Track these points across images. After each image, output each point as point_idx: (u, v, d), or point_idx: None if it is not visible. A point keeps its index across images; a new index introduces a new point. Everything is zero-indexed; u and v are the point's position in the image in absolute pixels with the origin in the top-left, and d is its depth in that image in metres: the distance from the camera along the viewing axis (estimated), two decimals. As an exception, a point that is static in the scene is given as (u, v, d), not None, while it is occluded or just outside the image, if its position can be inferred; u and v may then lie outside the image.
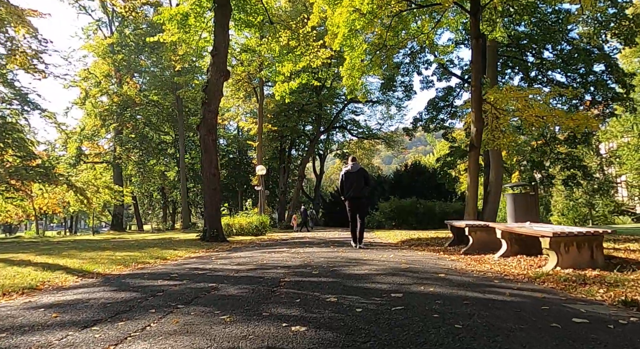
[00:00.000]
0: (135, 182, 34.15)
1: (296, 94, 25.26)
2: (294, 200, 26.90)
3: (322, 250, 7.83)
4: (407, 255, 6.49)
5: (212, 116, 12.88)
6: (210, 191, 12.95)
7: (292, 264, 5.57)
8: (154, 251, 9.19)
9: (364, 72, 16.80)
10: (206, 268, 5.54)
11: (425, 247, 8.43)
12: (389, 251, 7.50)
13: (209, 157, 12.88)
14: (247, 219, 17.91)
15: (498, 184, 18.01)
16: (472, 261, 5.68)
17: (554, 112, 13.49)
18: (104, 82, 29.08)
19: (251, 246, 10.39)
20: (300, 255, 6.86)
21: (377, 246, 8.96)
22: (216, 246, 10.84)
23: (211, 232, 12.75)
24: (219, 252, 8.83)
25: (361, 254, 6.78)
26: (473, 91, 15.78)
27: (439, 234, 12.13)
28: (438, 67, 20.98)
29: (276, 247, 9.49)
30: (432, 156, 46.33)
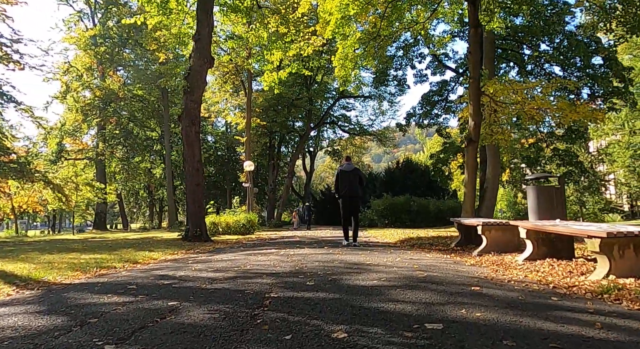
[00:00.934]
0: (120, 180, 32.65)
1: (286, 88, 24.19)
2: (284, 198, 25.84)
3: (315, 252, 6.82)
4: (415, 258, 5.51)
5: (194, 105, 11.77)
6: (193, 186, 11.85)
7: (281, 270, 4.55)
8: (126, 253, 8.09)
9: (357, 63, 15.84)
10: (176, 275, 4.49)
11: (430, 248, 7.48)
12: (391, 252, 6.52)
13: (192, 151, 11.77)
14: (234, 217, 16.80)
15: (495, 180, 17.20)
16: (495, 266, 4.73)
17: (557, 104, 12.68)
18: (85, 75, 27.61)
19: (236, 247, 9.34)
20: (290, 258, 5.84)
21: (375, 247, 7.99)
22: (198, 247, 9.78)
23: (194, 231, 11.67)
24: (199, 254, 7.77)
25: (362, 256, 5.79)
26: (471, 82, 14.91)
27: (440, 233, 11.22)
28: (432, 60, 20.11)
29: (264, 248, 8.46)
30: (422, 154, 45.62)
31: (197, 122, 11.87)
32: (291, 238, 12.22)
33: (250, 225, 16.74)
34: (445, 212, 20.29)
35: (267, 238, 13.13)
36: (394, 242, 9.71)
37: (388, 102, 26.80)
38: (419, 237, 9.96)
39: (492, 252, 6.01)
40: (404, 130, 21.48)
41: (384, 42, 15.57)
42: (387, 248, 7.51)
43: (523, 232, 5.11)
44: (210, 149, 37.40)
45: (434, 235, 10.38)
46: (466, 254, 6.32)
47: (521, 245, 6.32)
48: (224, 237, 14.65)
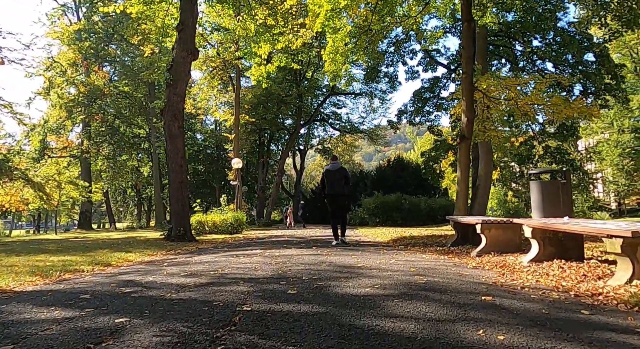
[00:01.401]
0: (106, 178, 31.73)
1: (275, 85, 23.60)
2: (273, 196, 25.25)
3: (302, 253, 6.30)
4: (411, 260, 5.02)
5: (178, 99, 11.16)
6: (176, 184, 11.24)
7: (261, 275, 4.02)
8: (101, 254, 7.50)
9: (348, 58, 15.33)
10: (143, 281, 3.94)
11: (425, 247, 7.01)
12: (384, 253, 6.03)
13: (175, 146, 11.17)
14: (221, 216, 16.19)
15: (487, 178, 16.84)
16: (499, 268, 4.26)
17: (552, 100, 12.31)
18: (70, 71, 26.68)
19: (220, 247, 8.78)
20: (274, 260, 5.31)
21: (366, 246, 7.49)
22: (180, 247, 9.21)
23: (177, 230, 11.08)
24: (178, 255, 7.20)
25: (352, 258, 5.28)
26: (464, 78, 14.49)
27: (433, 232, 10.77)
28: (424, 56, 19.69)
29: (249, 248, 7.92)
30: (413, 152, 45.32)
31: (180, 116, 11.26)
32: (279, 238, 11.69)
33: (238, 224, 16.15)
34: (437, 210, 19.91)
35: (254, 238, 12.57)
36: (386, 241, 9.23)
37: (379, 99, 26.38)
38: (412, 236, 9.49)
39: (492, 253, 5.55)
40: (396, 127, 21.04)
41: (375, 37, 15.10)
42: (379, 248, 7.01)
43: (528, 231, 4.64)
44: (199, 147, 36.64)
45: (427, 234, 9.93)
46: (464, 254, 5.85)
47: (523, 245, 5.88)
48: (210, 237, 14.09)
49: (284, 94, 22.99)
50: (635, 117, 26.98)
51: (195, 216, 16.40)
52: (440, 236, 8.79)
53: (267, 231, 17.94)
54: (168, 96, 11.16)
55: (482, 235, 5.73)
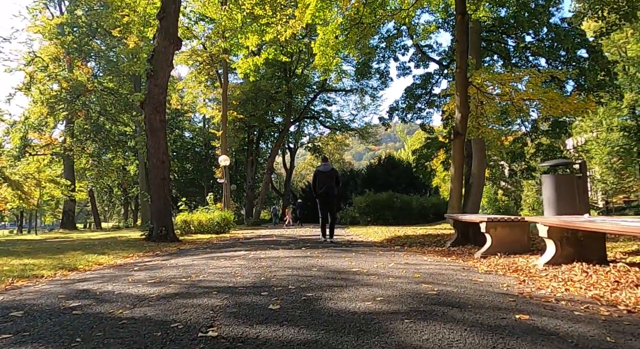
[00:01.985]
0: (90, 177, 30.68)
1: (264, 81, 22.93)
2: (262, 195, 24.55)
3: (290, 254, 5.69)
4: (411, 263, 4.44)
5: (159, 91, 10.46)
6: (158, 181, 10.54)
7: (240, 282, 3.40)
8: (70, 257, 6.81)
9: (339, 51, 14.75)
10: (99, 291, 3.29)
11: (423, 248, 6.45)
12: (380, 254, 5.44)
13: (156, 141, 10.46)
14: (207, 215, 15.47)
15: (481, 175, 16.41)
16: (513, 272, 3.70)
17: (548, 95, 11.87)
18: (51, 66, 25.64)
19: (203, 247, 8.13)
20: (258, 263, 4.69)
21: (360, 246, 6.91)
22: (160, 248, 8.55)
23: (159, 230, 10.39)
24: (155, 257, 6.54)
25: (346, 261, 4.68)
26: (458, 72, 14.00)
27: (428, 231, 10.23)
28: (416, 52, 19.20)
29: (233, 249, 7.29)
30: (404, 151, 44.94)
31: (161, 109, 10.55)
32: (267, 237, 11.05)
33: (225, 223, 15.46)
34: (429, 209, 19.45)
35: (241, 237, 11.91)
36: (380, 241, 8.66)
37: (370, 96, 25.81)
38: (407, 235, 8.94)
39: (498, 254, 5.00)
40: (387, 124, 20.53)
41: (366, 31, 14.54)
42: (374, 249, 6.43)
43: (543, 230, 4.09)
44: (187, 145, 35.76)
45: (422, 233, 9.39)
46: (467, 255, 5.30)
47: (533, 245, 5.35)
48: (195, 236, 13.41)
49: (273, 91, 22.29)
50: (624, 115, 26.89)
51: (180, 215, 15.70)
52: (436, 236, 8.25)
53: (255, 231, 17.27)
54: (149, 87, 10.44)
55: (487, 234, 5.18)
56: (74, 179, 28.00)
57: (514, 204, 32.70)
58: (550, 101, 11.80)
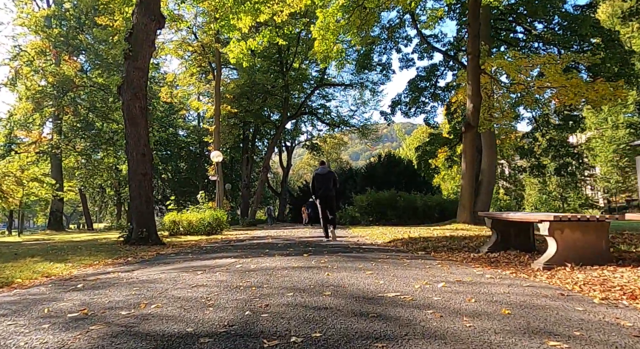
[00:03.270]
0: (80, 176, 29.11)
1: (260, 74, 21.53)
2: (258, 194, 23.16)
3: (289, 264, 4.33)
4: (466, 280, 3.10)
5: (139, 74, 9.07)
6: (138, 177, 9.15)
7: (208, 322, 2.04)
8: (18, 266, 5.50)
9: (340, 36, 13.41)
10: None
11: (452, 253, 5.12)
12: (407, 263, 4.10)
13: (137, 131, 9.08)
14: (198, 215, 14.06)
15: (491, 172, 15.13)
16: (633, 300, 2.37)
17: (571, 82, 10.57)
18: (37, 59, 24.12)
19: (186, 253, 6.76)
20: (245, 280, 3.33)
21: (374, 251, 5.57)
22: (137, 253, 7.21)
23: (138, 232, 9.00)
24: (120, 266, 5.20)
25: (368, 275, 3.34)
26: (470, 59, 12.69)
27: (443, 231, 8.88)
28: (420, 42, 17.90)
29: (219, 255, 5.93)
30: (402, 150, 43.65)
31: (142, 95, 9.15)
32: (262, 239, 9.68)
33: (217, 224, 14.06)
34: (434, 208, 18.14)
35: (233, 239, 10.54)
36: (390, 243, 7.33)
37: (370, 91, 24.43)
38: (423, 237, 7.59)
39: (567, 264, 3.67)
40: (389, 119, 19.21)
41: (369, 16, 13.24)
42: (393, 254, 5.08)
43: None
44: (182, 144, 34.30)
45: (440, 235, 8.05)
46: (519, 265, 4.00)
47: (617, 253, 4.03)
48: (184, 238, 12.04)
49: (269, 85, 20.91)
50: (630, 112, 25.75)
51: (168, 215, 14.34)
52: (461, 238, 6.90)
53: (250, 231, 15.86)
54: (127, 70, 9.05)
55: (549, 238, 3.85)
56: (61, 179, 26.48)
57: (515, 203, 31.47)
58: (574, 88, 10.51)
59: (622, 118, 25.81)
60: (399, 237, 8.33)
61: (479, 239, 6.47)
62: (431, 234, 8.42)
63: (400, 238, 7.94)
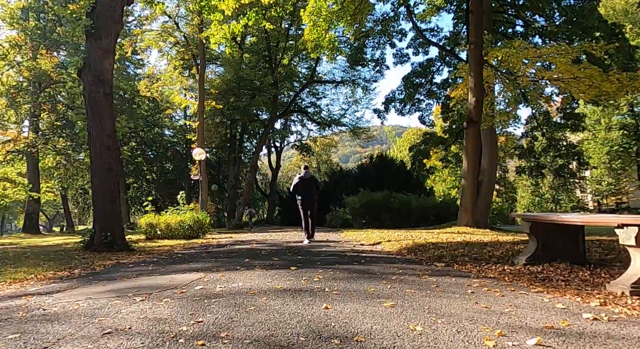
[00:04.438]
0: (58, 177, 27.36)
1: (247, 70, 20.25)
2: (245, 195, 21.83)
3: (270, 285, 3.09)
4: (559, 325, 1.89)
5: (102, 55, 7.75)
6: (102, 172, 7.82)
7: None
8: None
9: (332, 23, 12.23)
10: None
11: (481, 266, 3.95)
12: (436, 286, 2.90)
13: (99, 120, 7.75)
14: (178, 217, 12.68)
15: (492, 172, 14.03)
16: None
17: (586, 72, 9.53)
18: (12, 52, 22.45)
19: (147, 263, 5.47)
20: (195, 320, 2.08)
21: (380, 262, 4.37)
22: (91, 263, 5.95)
23: (102, 237, 7.66)
24: (52, 284, 3.96)
25: (390, 309, 2.13)
26: (472, 49, 11.58)
27: (451, 236, 7.71)
28: (415, 36, 16.82)
29: (185, 266, 4.69)
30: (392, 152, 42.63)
31: (106, 79, 7.84)
32: (245, 244, 8.41)
33: (198, 226, 12.67)
34: (430, 210, 17.04)
35: (214, 244, 9.23)
36: (396, 250, 6.14)
37: (362, 89, 23.28)
38: (431, 243, 6.39)
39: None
40: (383, 117, 18.10)
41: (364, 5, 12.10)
42: (408, 268, 3.88)
43: None
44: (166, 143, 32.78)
45: (449, 240, 6.86)
46: (584, 284, 2.83)
47: None
48: (161, 242, 10.70)
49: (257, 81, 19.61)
50: (622, 113, 25.09)
51: (145, 217, 12.94)
52: (478, 245, 5.72)
53: (235, 235, 14.52)
54: (88, 51, 7.74)
55: (634, 250, 2.69)
56: (38, 179, 24.77)
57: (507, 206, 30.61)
58: (588, 80, 9.50)
59: (615, 120, 25.15)
60: (402, 242, 7.14)
61: (502, 246, 5.31)
62: (438, 239, 7.24)
63: (408, 245, 6.75)
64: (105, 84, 7.80)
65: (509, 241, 5.97)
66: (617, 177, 27.00)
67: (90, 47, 7.71)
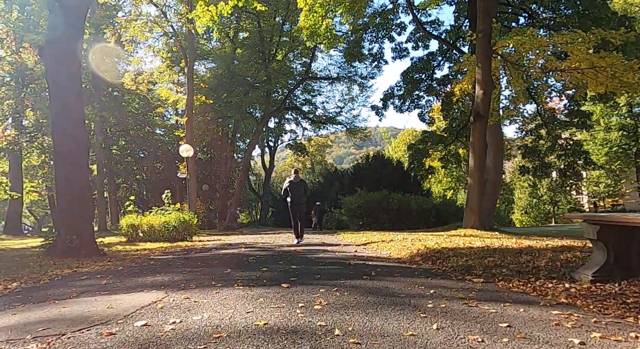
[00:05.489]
0: (43, 176, 26.04)
1: (240, 65, 19.19)
2: (237, 195, 20.73)
3: (250, 319, 2.05)
4: None
5: (69, 28, 6.66)
6: (66, 166, 6.76)
7: None
8: None
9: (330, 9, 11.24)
10: None
11: (530, 281, 2.95)
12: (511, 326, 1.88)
13: (63, 105, 6.67)
14: (162, 217, 11.56)
15: (498, 171, 13.13)
16: None
17: (607, 62, 8.60)
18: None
19: (108, 273, 4.43)
20: None
21: (389, 273, 3.37)
22: (44, 271, 4.94)
23: (67, 240, 6.59)
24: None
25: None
26: (479, 38, 10.57)
27: (469, 240, 6.70)
28: (414, 30, 15.90)
29: (154, 278, 3.69)
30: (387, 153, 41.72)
31: (74, 57, 6.75)
32: (232, 248, 7.37)
33: (184, 228, 11.56)
34: (430, 210, 16.11)
35: (198, 248, 8.18)
36: (406, 257, 5.15)
37: (359, 86, 22.28)
38: (448, 249, 5.39)
39: None
40: (381, 114, 17.11)
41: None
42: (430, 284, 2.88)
43: None
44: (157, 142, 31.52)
45: (468, 245, 5.86)
46: None
47: None
48: (142, 245, 9.63)
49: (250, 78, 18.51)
50: (622, 114, 24.38)
51: (126, 218, 11.85)
52: (510, 252, 4.71)
53: (225, 237, 13.42)
54: (50, 21, 6.68)
55: None
56: (21, 178, 23.50)
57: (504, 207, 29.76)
58: (610, 68, 8.59)
59: (614, 120, 24.44)
60: (411, 247, 6.14)
61: (540, 253, 4.32)
62: (452, 243, 6.24)
63: (417, 250, 5.73)
64: (73, 63, 6.71)
65: (542, 247, 4.99)
66: (615, 178, 26.30)
67: (54, 18, 6.62)
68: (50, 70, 6.60)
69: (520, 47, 9.62)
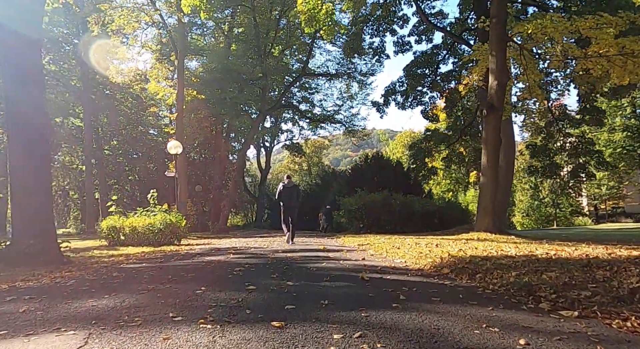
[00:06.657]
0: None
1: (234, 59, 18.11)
2: (231, 196, 19.62)
3: None
4: None
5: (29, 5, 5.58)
6: (23, 158, 5.68)
7: None
8: None
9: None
10: None
11: (633, 315, 1.89)
12: None
13: (24, 88, 5.59)
14: (147, 219, 10.43)
15: (509, 169, 12.15)
16: None
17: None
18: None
19: (45, 292, 3.31)
20: None
21: (422, 293, 2.32)
22: None
23: (25, 244, 5.53)
24: None
25: None
26: (493, 24, 9.53)
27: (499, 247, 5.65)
28: (418, 22, 14.92)
29: (98, 302, 2.58)
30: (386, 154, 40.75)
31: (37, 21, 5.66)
32: (220, 254, 6.30)
33: (170, 231, 10.43)
34: (433, 213, 15.08)
35: (182, 253, 7.09)
36: (429, 268, 4.11)
37: (358, 83, 21.25)
38: (478, 257, 4.34)
39: None
40: (382, 110, 16.10)
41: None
42: (493, 314, 1.83)
43: None
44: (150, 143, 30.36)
45: (501, 253, 4.80)
46: None
47: None
48: (122, 250, 8.55)
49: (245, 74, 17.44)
50: (626, 114, 23.54)
51: (107, 220, 10.71)
52: (565, 263, 3.65)
53: (216, 240, 12.29)
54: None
55: None
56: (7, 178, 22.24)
57: (505, 209, 28.76)
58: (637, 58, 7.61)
59: (619, 121, 23.60)
60: (429, 255, 5.08)
61: (610, 265, 3.28)
62: (479, 250, 5.18)
63: (435, 258, 4.68)
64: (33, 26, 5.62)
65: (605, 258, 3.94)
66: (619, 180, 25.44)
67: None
68: (4, 44, 5.50)
69: (540, 32, 8.65)
